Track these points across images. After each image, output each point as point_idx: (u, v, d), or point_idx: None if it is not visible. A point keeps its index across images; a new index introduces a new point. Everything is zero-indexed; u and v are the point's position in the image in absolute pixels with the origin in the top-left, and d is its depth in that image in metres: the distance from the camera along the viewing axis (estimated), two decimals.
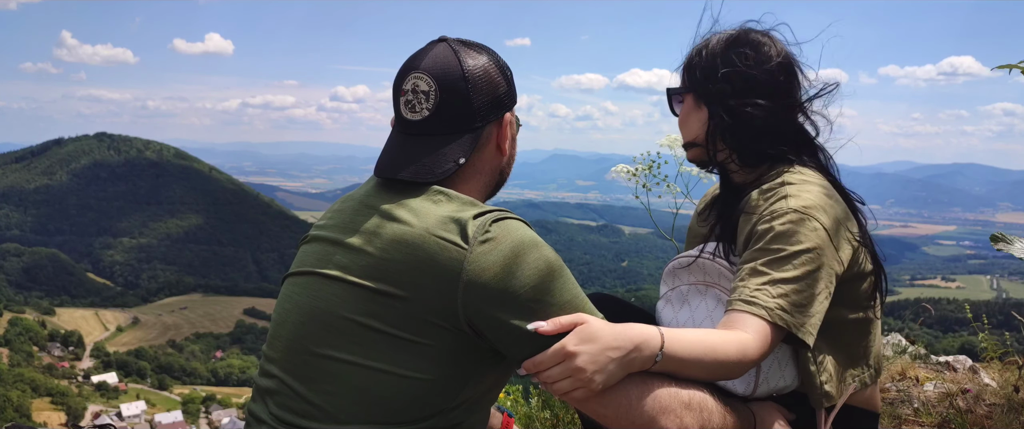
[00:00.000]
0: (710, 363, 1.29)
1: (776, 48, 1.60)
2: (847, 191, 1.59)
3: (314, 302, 1.28)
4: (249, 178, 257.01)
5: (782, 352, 1.51)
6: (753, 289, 1.38)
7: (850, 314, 1.55)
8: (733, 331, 1.34)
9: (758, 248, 1.43)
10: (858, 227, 1.54)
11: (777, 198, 1.48)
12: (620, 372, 1.21)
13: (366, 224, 1.27)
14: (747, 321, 1.35)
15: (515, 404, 2.90)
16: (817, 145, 1.63)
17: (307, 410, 1.24)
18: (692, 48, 1.66)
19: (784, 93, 1.58)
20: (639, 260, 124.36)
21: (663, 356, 1.24)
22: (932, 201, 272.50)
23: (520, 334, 1.20)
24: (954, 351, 3.67)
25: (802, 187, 1.49)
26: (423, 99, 1.33)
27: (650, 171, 2.30)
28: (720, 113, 1.57)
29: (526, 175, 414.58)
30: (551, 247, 1.25)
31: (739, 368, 1.32)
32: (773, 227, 1.43)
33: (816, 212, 1.44)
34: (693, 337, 1.30)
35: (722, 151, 1.62)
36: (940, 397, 2.56)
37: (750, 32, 1.62)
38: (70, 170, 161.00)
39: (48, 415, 44.00)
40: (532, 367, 1.20)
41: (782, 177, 1.53)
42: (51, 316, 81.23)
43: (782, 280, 1.38)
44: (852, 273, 1.51)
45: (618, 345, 1.20)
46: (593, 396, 1.21)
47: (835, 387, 1.53)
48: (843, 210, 1.51)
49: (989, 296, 77.34)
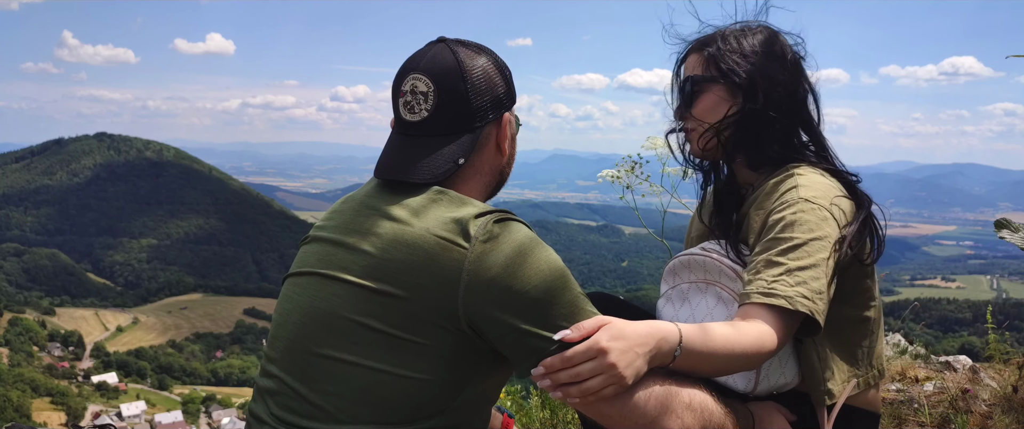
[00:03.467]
0: (726, 356, 1.29)
1: (788, 45, 1.63)
2: (855, 185, 1.59)
3: (315, 302, 1.28)
4: (249, 178, 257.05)
5: (785, 351, 1.51)
6: (771, 281, 1.38)
7: (853, 311, 1.56)
8: (749, 322, 1.34)
9: (771, 238, 1.44)
10: (865, 221, 1.54)
11: (788, 189, 1.50)
12: (645, 368, 1.21)
13: (367, 224, 1.27)
14: (767, 313, 1.35)
15: (515, 404, 2.90)
16: (823, 142, 1.64)
17: (308, 410, 1.24)
18: (705, 36, 1.65)
19: (797, 89, 1.61)
20: (639, 260, 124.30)
21: (682, 351, 1.24)
22: (932, 201, 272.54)
23: (520, 334, 1.19)
24: (954, 351, 3.68)
25: (811, 178, 1.52)
26: (422, 100, 1.33)
27: (632, 172, 2.32)
28: (753, 106, 1.56)
29: (526, 175, 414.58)
30: (551, 248, 1.25)
31: (756, 360, 1.33)
32: (785, 217, 1.45)
33: (825, 201, 1.47)
34: (710, 331, 1.29)
35: (744, 144, 1.61)
36: (940, 398, 2.56)
37: (769, 28, 1.64)
38: (70, 170, 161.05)
39: (48, 415, 43.99)
40: (561, 363, 1.17)
41: (791, 171, 1.55)
42: (51, 316, 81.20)
43: (798, 268, 1.39)
44: (857, 269, 1.52)
45: (644, 341, 1.20)
46: (618, 394, 1.19)
47: (837, 385, 1.53)
48: (849, 203, 1.52)
49: (989, 296, 77.36)
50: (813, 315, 1.36)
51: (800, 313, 1.36)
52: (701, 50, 1.63)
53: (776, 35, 1.63)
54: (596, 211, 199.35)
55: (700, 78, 1.62)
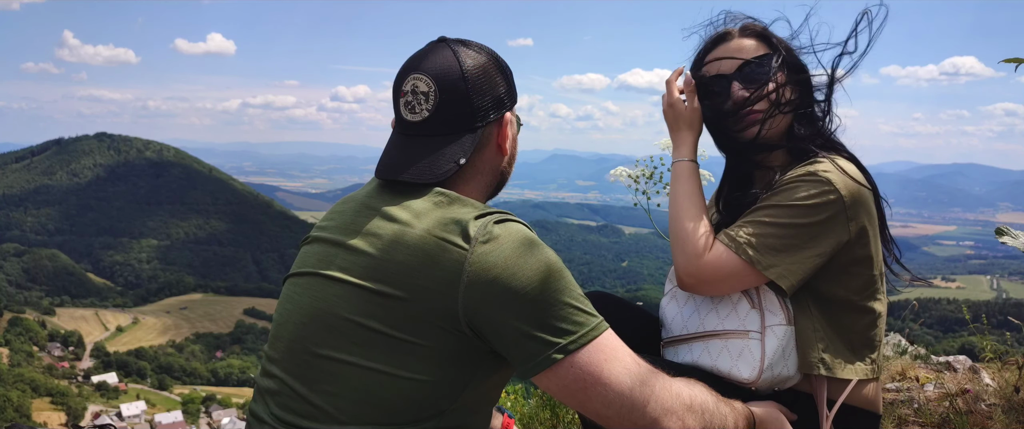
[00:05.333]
0: (674, 212, 1.58)
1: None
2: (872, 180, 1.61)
3: (315, 303, 1.27)
4: (249, 178, 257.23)
5: (788, 341, 1.52)
6: (738, 225, 1.52)
7: (858, 300, 1.56)
8: None
9: (766, 196, 1.53)
10: (878, 215, 1.59)
11: (806, 165, 1.55)
12: None
13: (367, 225, 1.27)
14: (718, 247, 1.51)
15: (515, 404, 2.90)
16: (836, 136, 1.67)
17: (308, 411, 1.24)
18: (751, 23, 1.67)
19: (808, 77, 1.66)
20: (639, 260, 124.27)
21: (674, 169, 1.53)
22: (932, 201, 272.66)
23: (520, 335, 1.19)
24: (954, 351, 3.67)
25: (833, 163, 1.54)
26: (422, 100, 1.33)
27: (651, 179, 2.26)
28: (807, 91, 1.63)
29: (526, 175, 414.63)
30: (551, 248, 1.25)
31: (693, 262, 1.51)
32: (787, 183, 1.52)
33: (836, 180, 1.49)
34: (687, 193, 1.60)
35: (799, 127, 1.64)
36: (940, 397, 2.56)
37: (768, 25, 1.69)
38: (70, 170, 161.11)
39: (48, 415, 43.99)
40: None
41: (815, 157, 1.57)
42: (51, 316, 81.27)
43: (767, 223, 1.49)
44: (864, 258, 1.54)
45: None
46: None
47: (831, 362, 1.54)
48: (866, 193, 1.54)
49: (989, 296, 77.40)
50: (752, 265, 1.47)
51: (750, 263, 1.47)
52: (756, 36, 1.64)
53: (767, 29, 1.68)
54: (596, 211, 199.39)
55: (767, 57, 1.61)
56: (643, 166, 2.25)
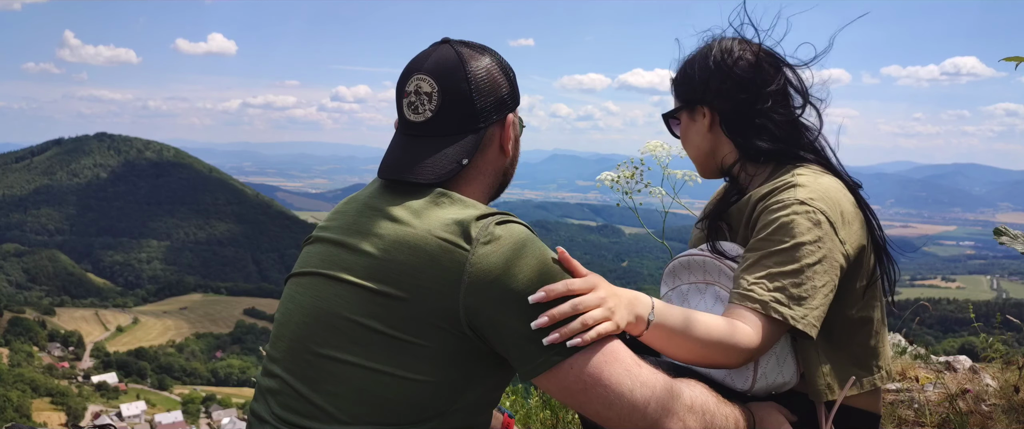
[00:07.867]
0: (701, 339, 1.32)
1: (751, 48, 1.63)
2: (856, 188, 1.59)
3: (317, 303, 1.28)
4: (249, 178, 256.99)
5: (781, 348, 1.51)
6: (750, 282, 1.41)
7: (853, 312, 1.54)
8: (731, 318, 1.37)
9: (760, 239, 1.46)
10: (867, 223, 1.55)
11: (783, 189, 1.50)
12: (627, 319, 1.25)
13: (369, 225, 1.28)
14: (743, 314, 1.38)
15: (515, 404, 2.90)
16: (820, 141, 1.64)
17: (309, 410, 1.24)
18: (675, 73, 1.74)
19: (764, 85, 1.60)
20: (639, 260, 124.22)
21: (654, 318, 1.29)
22: (932, 201, 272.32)
23: (520, 336, 1.19)
24: (954, 351, 3.67)
25: (809, 179, 1.52)
26: (426, 100, 1.33)
27: (632, 178, 2.32)
28: (720, 112, 1.63)
29: (526, 175, 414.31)
30: (552, 250, 1.25)
31: (737, 354, 1.35)
32: (776, 219, 1.45)
33: (820, 204, 1.46)
34: (688, 313, 1.33)
35: (727, 155, 1.65)
36: (941, 398, 2.56)
37: (721, 40, 1.67)
38: (70, 170, 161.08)
39: (48, 415, 43.97)
40: (564, 288, 1.19)
41: (791, 172, 1.55)
42: (51, 316, 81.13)
43: (780, 273, 1.40)
44: (857, 270, 1.52)
45: (620, 291, 1.27)
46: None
47: (836, 383, 1.52)
48: (851, 205, 1.52)
49: (989, 296, 77.31)
50: (788, 321, 1.37)
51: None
52: (674, 89, 1.75)
53: (717, 43, 1.66)
54: (596, 211, 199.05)
55: (667, 114, 1.76)
56: (624, 168, 2.31)
